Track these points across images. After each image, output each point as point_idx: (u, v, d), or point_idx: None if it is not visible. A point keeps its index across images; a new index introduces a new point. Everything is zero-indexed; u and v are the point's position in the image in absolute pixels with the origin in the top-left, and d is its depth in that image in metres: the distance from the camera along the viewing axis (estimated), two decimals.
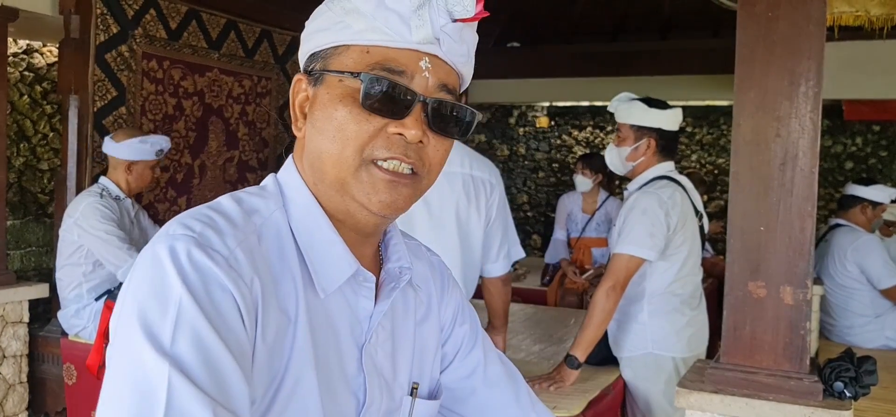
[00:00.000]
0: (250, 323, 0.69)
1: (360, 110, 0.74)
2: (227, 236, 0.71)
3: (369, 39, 0.75)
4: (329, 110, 0.76)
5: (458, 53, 0.79)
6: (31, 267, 3.86)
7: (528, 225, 8.01)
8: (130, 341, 0.64)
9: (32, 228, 3.88)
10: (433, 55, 0.77)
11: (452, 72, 0.79)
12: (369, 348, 0.81)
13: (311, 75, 0.80)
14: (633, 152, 2.59)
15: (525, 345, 2.95)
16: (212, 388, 0.63)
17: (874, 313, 3.85)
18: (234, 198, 0.78)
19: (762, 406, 1.87)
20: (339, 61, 0.77)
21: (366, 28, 0.75)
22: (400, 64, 0.75)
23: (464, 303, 1.01)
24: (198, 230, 0.70)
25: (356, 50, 0.76)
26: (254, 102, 4.32)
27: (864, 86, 5.13)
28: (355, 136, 0.75)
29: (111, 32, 3.44)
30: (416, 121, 0.75)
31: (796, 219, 1.90)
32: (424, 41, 0.75)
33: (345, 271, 0.78)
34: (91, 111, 3.37)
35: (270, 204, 0.79)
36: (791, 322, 1.90)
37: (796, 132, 1.90)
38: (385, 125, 0.75)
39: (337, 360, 0.78)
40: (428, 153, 0.78)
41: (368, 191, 0.76)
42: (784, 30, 1.90)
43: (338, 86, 0.76)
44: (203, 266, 0.67)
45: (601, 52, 6.20)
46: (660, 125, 2.56)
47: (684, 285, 2.57)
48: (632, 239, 2.43)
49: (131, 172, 3.08)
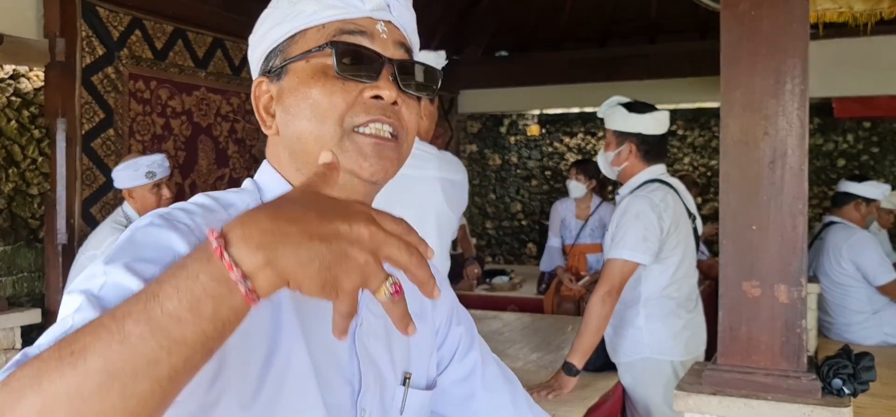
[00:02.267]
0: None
1: (332, 81, 0.75)
2: (195, 215, 0.70)
3: (324, 17, 0.77)
4: (301, 92, 0.76)
5: (408, 20, 0.82)
6: (24, 292, 3.82)
7: (523, 233, 8.00)
8: (66, 300, 0.62)
9: (24, 254, 3.84)
10: (386, 20, 0.79)
11: (404, 36, 0.81)
12: (361, 333, 0.80)
13: (271, 73, 0.80)
14: (617, 157, 2.60)
15: (523, 354, 2.93)
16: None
17: (871, 309, 3.85)
18: (208, 195, 0.77)
19: (761, 406, 1.86)
20: (299, 46, 0.78)
21: (318, 7, 0.77)
22: (358, 25, 0.77)
23: (457, 305, 1.00)
24: (165, 211, 0.70)
25: (313, 31, 0.77)
26: (243, 119, 4.31)
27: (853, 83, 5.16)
28: (332, 108, 0.75)
29: (97, 54, 3.43)
30: (388, 82, 0.76)
31: (788, 217, 1.89)
32: (376, 8, 0.78)
33: None
34: (79, 134, 3.36)
35: (246, 197, 0.79)
36: (787, 320, 1.89)
37: (784, 130, 1.90)
38: (360, 91, 0.76)
39: (328, 344, 0.76)
40: (403, 114, 0.78)
41: (357, 157, 0.75)
42: (768, 29, 1.90)
43: (305, 68, 0.76)
44: (156, 228, 0.66)
45: (590, 57, 6.22)
46: (640, 130, 2.56)
47: (680, 288, 2.56)
48: (625, 244, 2.42)
49: (134, 198, 2.98)
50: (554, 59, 6.38)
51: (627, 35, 6.47)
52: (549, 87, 6.39)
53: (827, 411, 1.81)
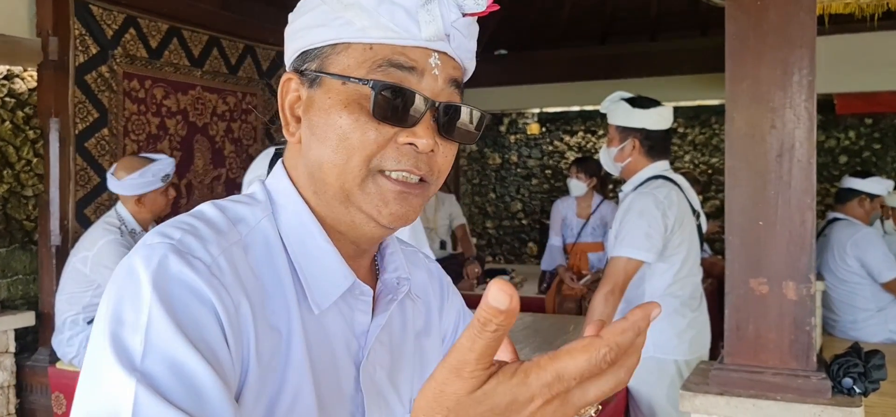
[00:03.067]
0: (236, 339, 0.63)
1: (367, 118, 0.68)
2: (209, 243, 0.65)
3: (373, 37, 0.69)
4: (331, 117, 0.69)
5: (467, 49, 0.74)
6: (18, 295, 3.78)
7: (524, 232, 7.96)
8: (100, 357, 0.60)
9: (18, 256, 3.80)
10: (442, 52, 0.71)
11: (459, 68, 0.74)
12: (367, 366, 0.76)
13: (304, 75, 0.73)
14: (620, 153, 2.55)
15: (524, 354, 2.89)
16: (185, 401, 0.57)
17: (877, 306, 3.81)
18: (216, 206, 0.71)
19: (770, 407, 1.81)
20: (339, 62, 0.70)
21: (369, 24, 0.69)
22: (410, 59, 0.69)
23: (464, 309, 0.96)
24: (177, 237, 0.65)
25: (358, 48, 0.69)
26: (239, 119, 4.27)
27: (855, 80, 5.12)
28: (362, 146, 0.68)
29: (90, 53, 3.38)
30: (427, 130, 0.69)
31: (796, 212, 1.85)
32: (434, 38, 0.69)
33: (340, 285, 0.73)
34: (72, 134, 3.31)
35: (257, 211, 0.73)
36: (795, 318, 1.85)
37: (792, 122, 1.85)
38: (395, 134, 0.69)
39: (334, 379, 0.73)
40: (437, 160, 0.72)
41: (377, 202, 0.70)
42: (774, 19, 1.86)
43: (340, 91, 0.69)
44: (179, 273, 0.62)
45: (590, 55, 6.18)
46: (643, 125, 2.52)
47: (684, 286, 2.52)
48: (629, 242, 2.38)
49: (143, 203, 2.94)
50: (554, 57, 6.34)
51: (628, 33, 6.43)
52: (549, 86, 6.35)
53: (838, 411, 1.76)
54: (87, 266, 2.83)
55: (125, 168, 2.96)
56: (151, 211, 2.98)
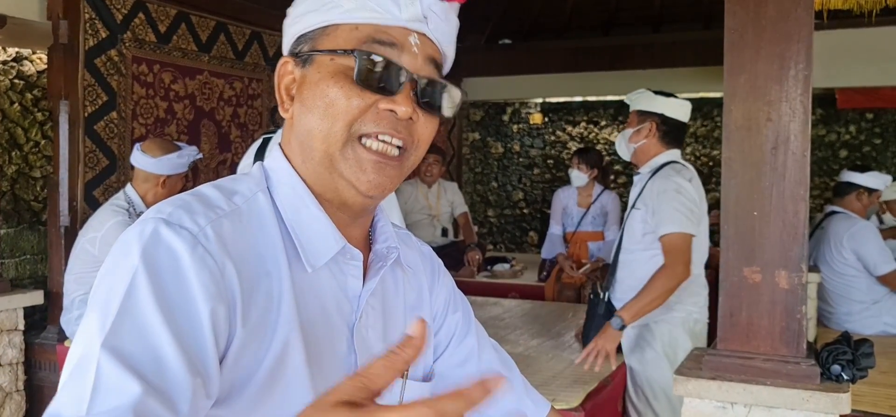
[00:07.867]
0: (221, 305, 0.67)
1: (351, 86, 0.75)
2: (197, 215, 0.71)
3: (359, 17, 0.76)
4: (320, 88, 0.76)
5: (444, 32, 0.81)
6: (26, 274, 3.84)
7: (525, 221, 8.01)
8: (86, 319, 0.65)
9: (27, 236, 3.86)
10: (421, 32, 0.78)
11: (438, 50, 0.81)
12: (360, 327, 0.81)
13: (298, 57, 0.80)
14: (636, 134, 2.62)
15: (523, 340, 2.95)
16: (147, 368, 0.61)
17: (872, 299, 3.85)
18: (214, 184, 0.78)
19: (760, 391, 1.87)
20: (328, 40, 0.78)
21: (355, 7, 0.76)
22: (390, 36, 0.76)
23: (455, 291, 1.00)
24: (168, 211, 0.70)
25: (345, 28, 0.77)
26: (245, 104, 4.31)
27: (856, 74, 5.14)
28: (345, 111, 0.75)
29: (100, 37, 3.43)
30: (406, 99, 0.76)
31: (790, 203, 1.89)
32: (413, 19, 0.77)
33: (332, 246, 0.78)
34: (82, 116, 3.36)
35: (252, 185, 0.79)
36: (787, 306, 1.90)
37: (787, 116, 1.90)
38: (376, 101, 0.76)
39: (327, 339, 0.77)
40: (417, 129, 0.79)
41: (355, 169, 0.76)
42: (772, 14, 1.90)
43: (329, 65, 0.76)
44: (167, 241, 0.67)
45: (594, 46, 6.19)
46: (663, 111, 2.60)
47: (697, 266, 2.60)
48: (677, 220, 2.44)
49: (165, 186, 3.02)
50: (557, 47, 6.36)
51: (631, 24, 6.45)
52: (552, 76, 6.37)
53: (825, 396, 1.82)
54: (95, 246, 2.88)
55: (161, 148, 3.04)
56: (169, 192, 3.05)
